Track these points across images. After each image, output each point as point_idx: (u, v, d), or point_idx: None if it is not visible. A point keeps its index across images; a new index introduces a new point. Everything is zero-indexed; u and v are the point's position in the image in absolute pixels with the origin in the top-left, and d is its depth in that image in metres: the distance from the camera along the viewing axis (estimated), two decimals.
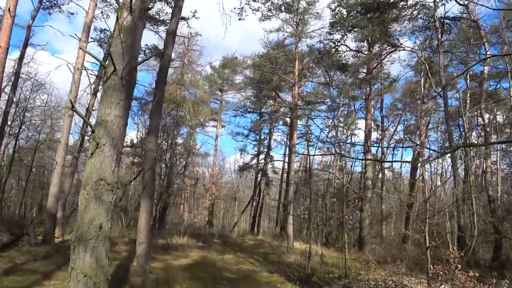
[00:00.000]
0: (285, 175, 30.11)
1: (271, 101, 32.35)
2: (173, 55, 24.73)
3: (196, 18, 16.53)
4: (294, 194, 25.10)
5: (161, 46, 19.32)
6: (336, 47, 25.24)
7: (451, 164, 20.98)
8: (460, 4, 21.69)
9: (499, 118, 29.87)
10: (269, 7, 21.16)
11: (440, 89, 20.63)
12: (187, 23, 16.86)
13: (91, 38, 18.37)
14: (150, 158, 8.96)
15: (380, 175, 31.30)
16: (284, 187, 29.71)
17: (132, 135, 37.35)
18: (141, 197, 9.36)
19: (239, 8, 14.09)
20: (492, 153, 24.36)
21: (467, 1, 21.61)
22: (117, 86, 4.31)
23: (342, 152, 34.83)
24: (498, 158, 29.23)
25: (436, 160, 30.25)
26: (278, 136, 36.33)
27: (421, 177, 27.83)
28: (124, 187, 25.17)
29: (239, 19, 14.27)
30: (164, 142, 23.73)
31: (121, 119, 4.29)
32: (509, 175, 32.11)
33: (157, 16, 17.23)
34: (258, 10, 15.69)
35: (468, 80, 25.91)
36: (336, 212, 25.82)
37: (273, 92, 29.33)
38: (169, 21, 10.74)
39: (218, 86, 34.59)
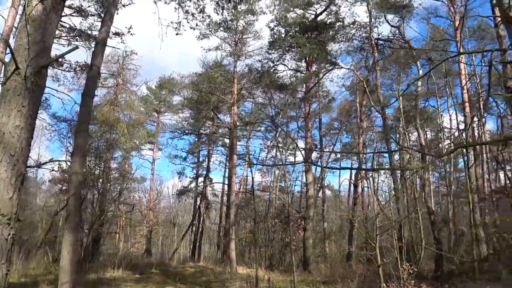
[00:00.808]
0: (225, 197, 29.33)
1: (210, 122, 31.69)
2: (106, 74, 23.55)
3: (131, 34, 15.52)
4: (235, 216, 24.32)
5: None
6: (275, 66, 25.30)
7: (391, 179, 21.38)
8: (392, 26, 22.80)
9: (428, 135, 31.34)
10: (208, 25, 20.68)
11: (379, 107, 21.17)
12: (121, 39, 15.81)
13: None
14: (74, 182, 7.79)
15: (320, 194, 31.39)
16: (224, 210, 28.89)
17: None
18: (64, 228, 8.09)
19: (176, 23, 13.29)
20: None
21: (398, 24, 22.90)
22: (19, 88, 3.36)
23: (283, 172, 34.89)
24: (429, 172, 30.46)
25: (378, 175, 30.76)
26: (217, 158, 35.66)
27: (359, 195, 28.24)
28: (51, 217, 23.03)
29: (176, 34, 13.47)
30: (96, 167, 22.09)
31: (23, 131, 3.32)
32: (438, 188, 33.64)
33: (89, 32, 15.97)
34: (196, 26, 15.02)
35: (401, 99, 26.93)
36: (278, 233, 25.30)
37: (212, 113, 28.68)
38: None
39: (154, 107, 33.36)
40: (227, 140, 29.88)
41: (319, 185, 30.88)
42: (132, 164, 30.36)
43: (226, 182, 28.79)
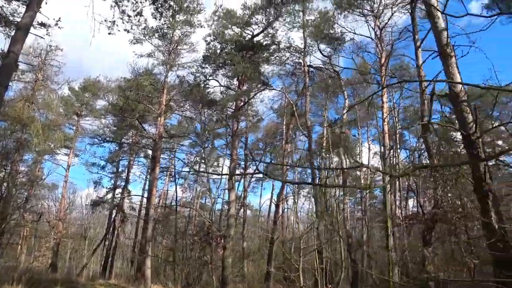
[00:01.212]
0: (143, 211, 28.12)
1: (133, 131, 30.43)
2: (25, 67, 21.63)
3: (59, 27, 14.29)
4: (152, 232, 23.33)
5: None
6: (207, 81, 25.01)
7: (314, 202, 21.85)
8: (324, 55, 23.79)
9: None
10: (143, 29, 19.92)
11: (305, 131, 21.74)
12: (47, 30, 14.47)
13: None
14: None
15: (241, 213, 31.30)
16: (142, 224, 27.66)
17: None
18: None
19: (110, 21, 12.52)
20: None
21: (330, 54, 24.01)
22: None
23: (204, 188, 34.46)
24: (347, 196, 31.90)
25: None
26: (137, 169, 34.34)
27: (280, 216, 28.61)
28: None
29: (109, 33, 12.69)
30: (1, 169, 20.08)
31: None
32: (354, 213, 35.35)
33: (11, 17, 14.48)
34: (131, 29, 14.31)
35: (326, 125, 28.29)
36: (195, 251, 24.65)
37: (136, 122, 27.51)
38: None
39: (75, 109, 31.21)
40: (150, 152, 28.81)
41: (240, 204, 30.82)
42: (44, 168, 28.08)
43: (146, 195, 27.70)
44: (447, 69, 6.87)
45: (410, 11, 17.94)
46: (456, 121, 6.86)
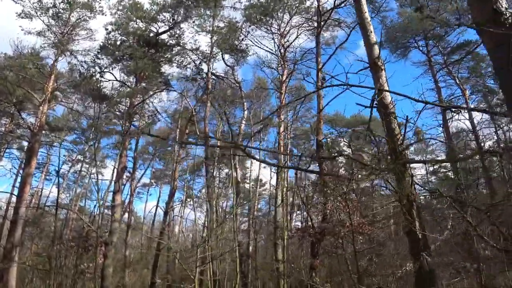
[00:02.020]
0: (11, 210, 24.87)
1: (7, 119, 26.94)
2: None
3: None
4: (21, 235, 20.68)
5: None
6: (102, 73, 23.16)
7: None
8: (227, 65, 23.86)
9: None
10: (35, 4, 17.60)
11: (204, 138, 21.39)
12: None
13: None
14: None
15: (126, 218, 29.45)
16: (7, 226, 24.38)
17: None
18: None
19: None
20: None
21: (233, 65, 24.14)
22: None
23: (85, 190, 31.90)
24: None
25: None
26: (8, 163, 30.56)
27: (167, 224, 27.54)
28: None
29: None
30: None
31: None
32: (240, 224, 35.78)
33: None
34: (22, 0, 12.46)
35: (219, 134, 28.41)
36: (69, 259, 22.45)
37: (13, 108, 24.32)
38: None
39: None
40: (25, 144, 25.74)
41: (125, 208, 29.03)
42: None
43: (16, 192, 24.53)
44: (376, 81, 7.02)
45: (315, 35, 18.93)
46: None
